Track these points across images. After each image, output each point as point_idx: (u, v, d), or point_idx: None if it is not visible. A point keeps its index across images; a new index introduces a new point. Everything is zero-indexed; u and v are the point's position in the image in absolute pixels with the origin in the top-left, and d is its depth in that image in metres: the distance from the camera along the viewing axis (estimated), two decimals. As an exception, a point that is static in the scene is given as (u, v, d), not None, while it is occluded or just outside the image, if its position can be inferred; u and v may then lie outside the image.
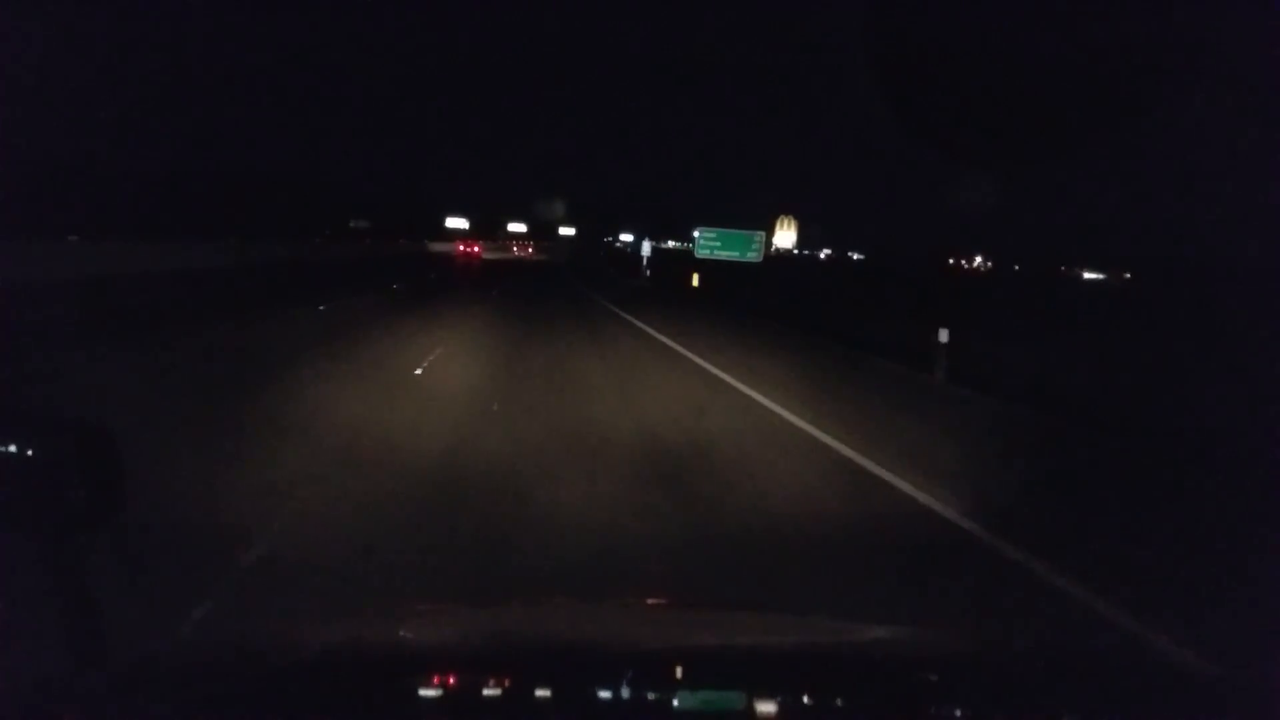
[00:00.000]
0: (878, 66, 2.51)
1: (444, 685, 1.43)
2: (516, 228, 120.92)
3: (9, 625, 1.37)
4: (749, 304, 26.44)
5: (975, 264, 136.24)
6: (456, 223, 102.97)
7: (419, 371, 10.54)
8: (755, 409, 9.37)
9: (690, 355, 13.49)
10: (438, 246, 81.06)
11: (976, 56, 2.32)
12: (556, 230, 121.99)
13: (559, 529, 4.79)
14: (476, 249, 68.07)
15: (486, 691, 1.41)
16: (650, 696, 1.41)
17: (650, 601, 2.62)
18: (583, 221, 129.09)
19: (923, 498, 6.01)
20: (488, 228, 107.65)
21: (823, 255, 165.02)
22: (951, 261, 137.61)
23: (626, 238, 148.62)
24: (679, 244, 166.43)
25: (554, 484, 5.71)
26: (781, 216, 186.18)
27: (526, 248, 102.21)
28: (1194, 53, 1.95)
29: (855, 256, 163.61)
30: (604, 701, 1.38)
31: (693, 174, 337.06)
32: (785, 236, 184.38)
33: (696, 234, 35.74)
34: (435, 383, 9.75)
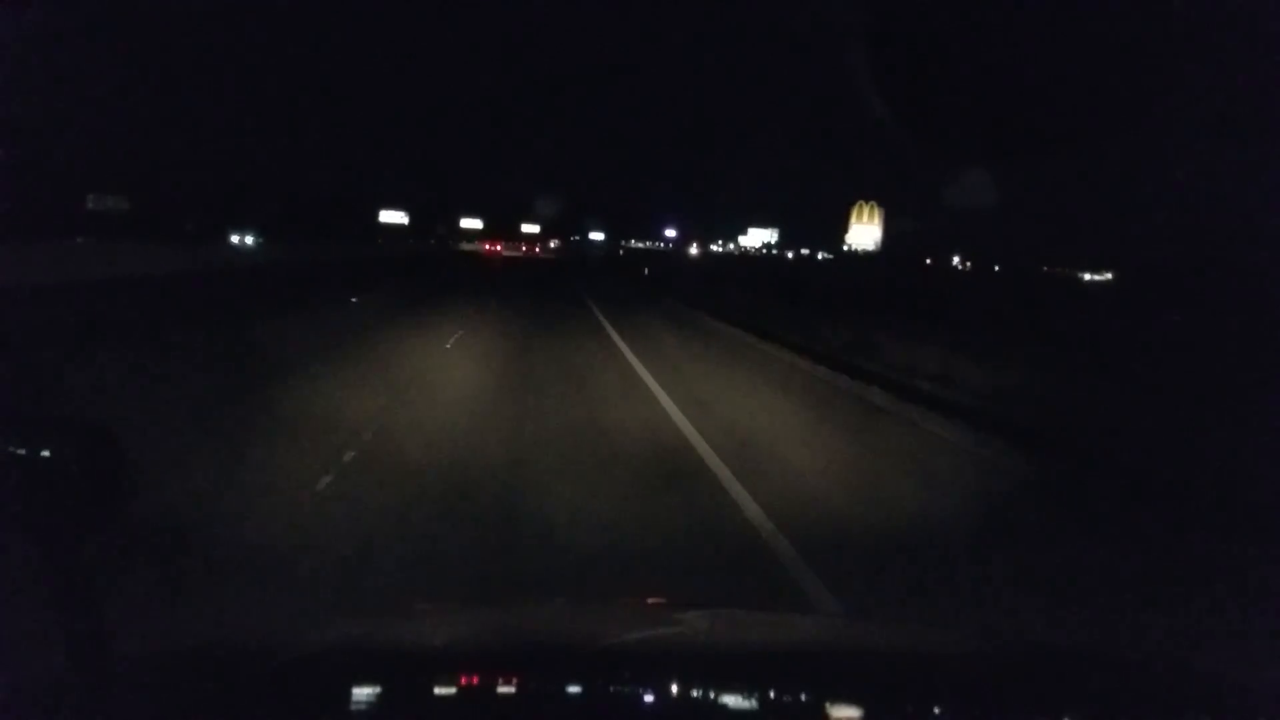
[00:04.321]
0: (869, 57, 2.66)
1: (443, 685, 1.54)
2: (471, 223, 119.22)
3: (9, 625, 1.48)
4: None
5: (953, 263, 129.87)
6: (393, 216, 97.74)
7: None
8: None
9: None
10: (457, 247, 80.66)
11: (967, 52, 2.48)
12: (519, 227, 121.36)
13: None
14: (499, 248, 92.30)
15: (486, 691, 1.52)
16: (650, 696, 1.52)
17: (650, 601, 2.75)
18: (546, 218, 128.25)
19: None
20: (429, 224, 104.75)
21: (790, 255, 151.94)
22: (929, 261, 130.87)
23: (596, 236, 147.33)
24: (652, 244, 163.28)
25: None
26: (860, 204, 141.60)
27: (534, 247, 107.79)
28: (1185, 55, 2.13)
29: (821, 256, 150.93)
30: (604, 701, 1.50)
31: (662, 168, 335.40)
32: (865, 232, 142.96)
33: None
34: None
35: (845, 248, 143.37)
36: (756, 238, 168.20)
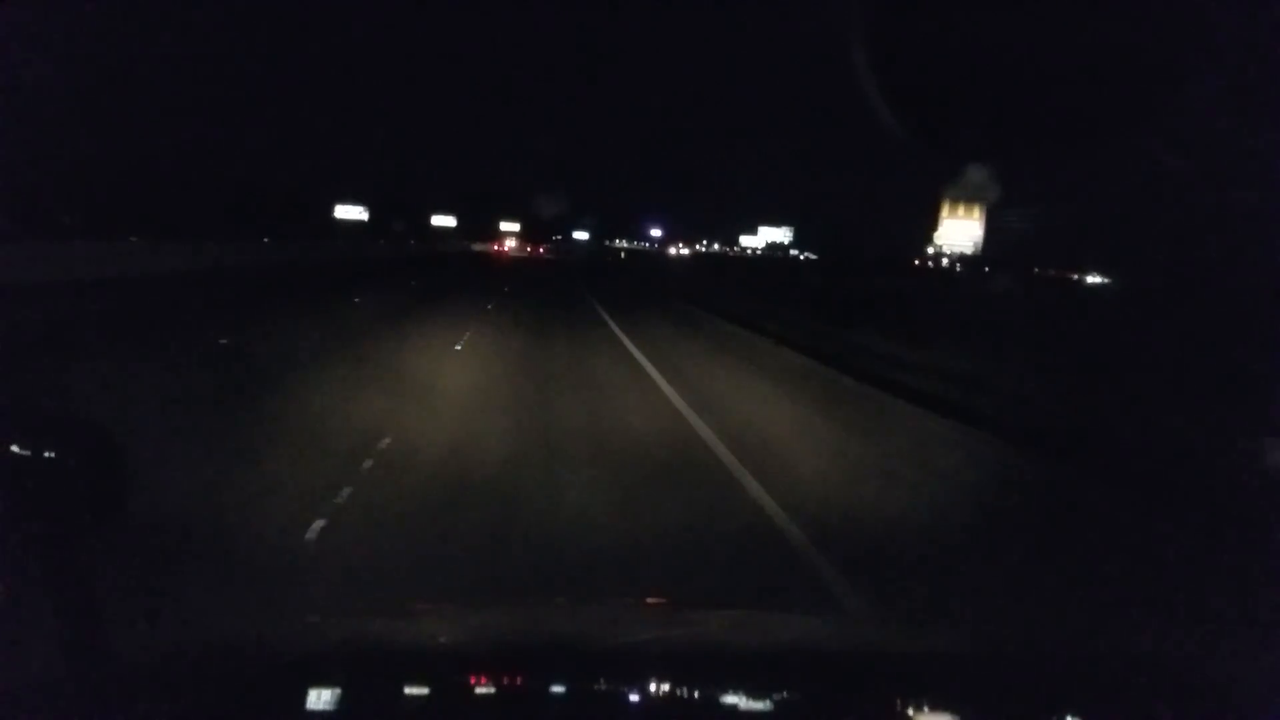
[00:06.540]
0: (865, 50, 2.72)
1: (443, 684, 1.59)
2: (444, 221, 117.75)
3: (9, 625, 1.52)
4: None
5: (943, 263, 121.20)
6: (350, 211, 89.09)
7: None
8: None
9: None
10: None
11: (968, 47, 2.55)
12: (498, 226, 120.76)
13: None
14: (506, 248, 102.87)
15: (486, 690, 1.58)
16: (649, 696, 1.58)
17: (650, 601, 2.81)
18: (527, 216, 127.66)
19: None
20: (386, 220, 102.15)
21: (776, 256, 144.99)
22: (917, 262, 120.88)
23: (580, 236, 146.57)
24: (638, 244, 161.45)
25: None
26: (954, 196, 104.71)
27: (538, 248, 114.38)
28: (1186, 55, 2.20)
29: (804, 256, 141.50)
30: (603, 700, 1.56)
31: (653, 165, 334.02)
32: (961, 230, 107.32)
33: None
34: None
35: (931, 249, 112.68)
36: (765, 237, 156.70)
